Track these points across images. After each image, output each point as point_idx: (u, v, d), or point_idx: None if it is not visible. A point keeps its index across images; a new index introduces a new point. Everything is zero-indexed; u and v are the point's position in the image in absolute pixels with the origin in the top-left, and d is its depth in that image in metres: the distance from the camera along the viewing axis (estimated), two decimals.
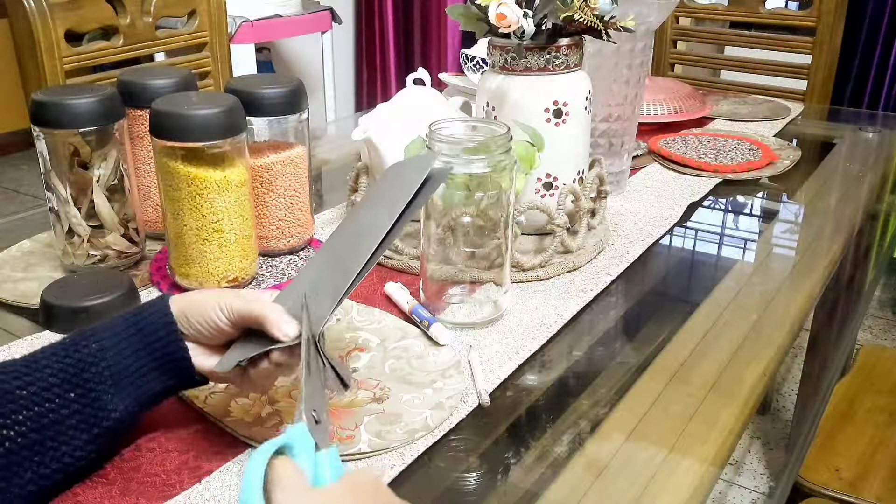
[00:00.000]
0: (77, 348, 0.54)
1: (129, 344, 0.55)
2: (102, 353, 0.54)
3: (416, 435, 0.61)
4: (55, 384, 0.52)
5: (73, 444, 0.53)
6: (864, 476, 1.10)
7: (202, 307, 0.56)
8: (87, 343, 0.54)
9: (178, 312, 0.57)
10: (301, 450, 0.45)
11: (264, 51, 2.68)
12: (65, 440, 0.53)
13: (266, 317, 0.55)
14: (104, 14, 1.29)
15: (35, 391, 0.52)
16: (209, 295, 0.58)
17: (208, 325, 0.56)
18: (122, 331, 0.56)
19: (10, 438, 0.50)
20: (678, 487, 0.58)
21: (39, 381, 0.52)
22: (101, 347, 0.54)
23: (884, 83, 2.34)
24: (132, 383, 0.55)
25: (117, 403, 0.54)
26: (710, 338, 0.77)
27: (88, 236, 0.83)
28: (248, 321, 0.56)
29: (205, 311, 0.56)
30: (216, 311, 0.56)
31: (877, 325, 2.33)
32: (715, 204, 1.13)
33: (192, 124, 0.73)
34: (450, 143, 0.71)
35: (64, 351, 0.54)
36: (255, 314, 0.55)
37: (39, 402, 0.52)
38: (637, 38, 1.04)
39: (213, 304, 0.56)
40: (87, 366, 0.54)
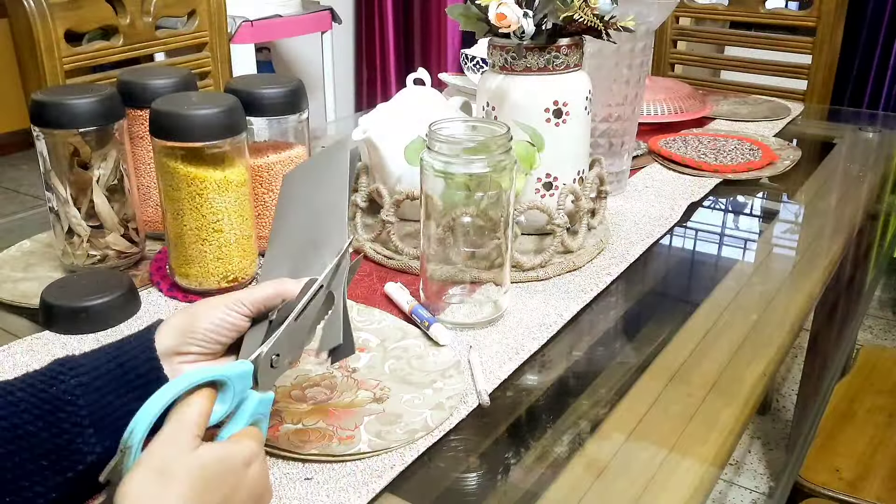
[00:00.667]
0: (54, 382, 0.50)
1: (109, 381, 0.51)
2: (82, 390, 0.50)
3: (416, 435, 0.61)
4: (28, 420, 0.48)
5: (45, 485, 0.49)
6: (865, 476, 1.10)
7: (211, 316, 0.54)
8: (65, 376, 0.50)
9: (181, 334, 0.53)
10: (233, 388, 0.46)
11: (264, 51, 2.68)
12: (38, 480, 0.49)
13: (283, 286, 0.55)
14: (104, 14, 1.29)
15: (7, 426, 0.48)
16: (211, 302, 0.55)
17: (225, 328, 0.54)
18: (102, 365, 0.51)
19: None
20: (678, 487, 0.58)
21: (13, 417, 0.48)
22: (80, 383, 0.50)
23: (884, 83, 2.34)
24: (112, 424, 0.50)
25: (94, 446, 0.50)
26: (710, 338, 0.77)
27: (88, 236, 0.83)
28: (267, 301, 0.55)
29: (216, 316, 0.53)
30: (227, 312, 0.54)
31: (877, 325, 2.33)
32: (715, 204, 1.13)
33: (192, 124, 0.73)
34: (450, 143, 0.71)
35: (42, 384, 0.50)
36: (270, 291, 0.54)
37: (10, 439, 0.48)
38: (637, 38, 1.04)
39: (222, 307, 0.54)
40: (62, 404, 0.49)
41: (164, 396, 0.44)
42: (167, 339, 0.53)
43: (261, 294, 0.54)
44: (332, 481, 0.56)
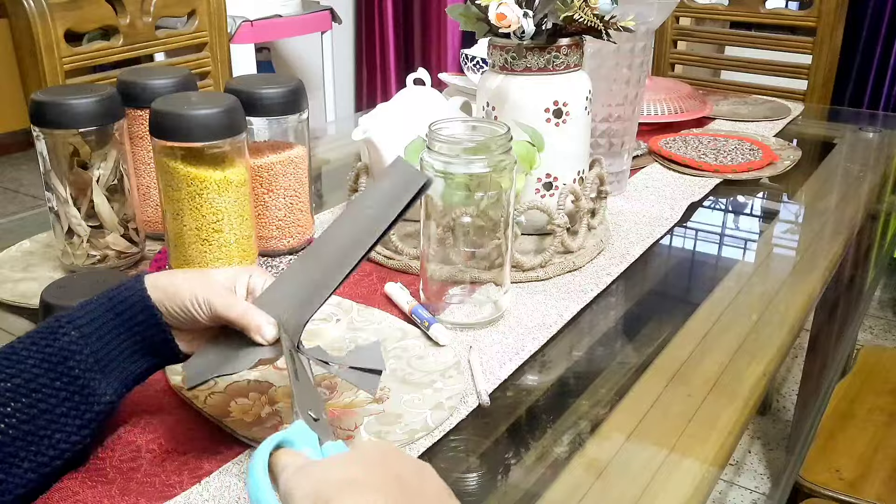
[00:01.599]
0: (56, 336, 0.54)
1: (110, 329, 0.55)
2: (84, 340, 0.54)
3: (416, 435, 0.60)
4: (39, 374, 0.52)
5: (66, 431, 0.53)
6: (865, 476, 1.10)
7: (180, 297, 0.56)
8: (65, 330, 0.54)
9: (157, 296, 0.56)
10: (303, 444, 0.45)
11: (264, 51, 2.68)
12: (58, 427, 0.53)
13: (247, 321, 0.55)
14: (104, 14, 1.29)
15: (19, 383, 0.52)
16: (186, 283, 0.56)
17: (185, 316, 0.56)
18: (100, 316, 0.55)
19: (1, 431, 0.51)
20: (678, 488, 0.57)
21: (23, 373, 0.52)
22: (82, 334, 0.54)
23: (884, 83, 2.34)
24: (118, 367, 0.55)
25: (105, 387, 0.54)
26: (710, 338, 0.77)
27: (88, 236, 0.83)
28: (227, 322, 0.56)
29: (182, 302, 0.56)
30: (194, 304, 0.55)
31: (877, 326, 2.33)
32: (715, 204, 1.13)
33: (191, 124, 0.73)
34: (450, 143, 0.71)
35: (43, 340, 0.54)
36: (233, 316, 0.55)
37: (25, 394, 0.52)
38: (637, 38, 1.04)
39: (191, 296, 0.55)
40: (70, 353, 0.53)
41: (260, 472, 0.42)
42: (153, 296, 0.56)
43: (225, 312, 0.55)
44: None
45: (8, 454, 0.51)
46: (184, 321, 0.56)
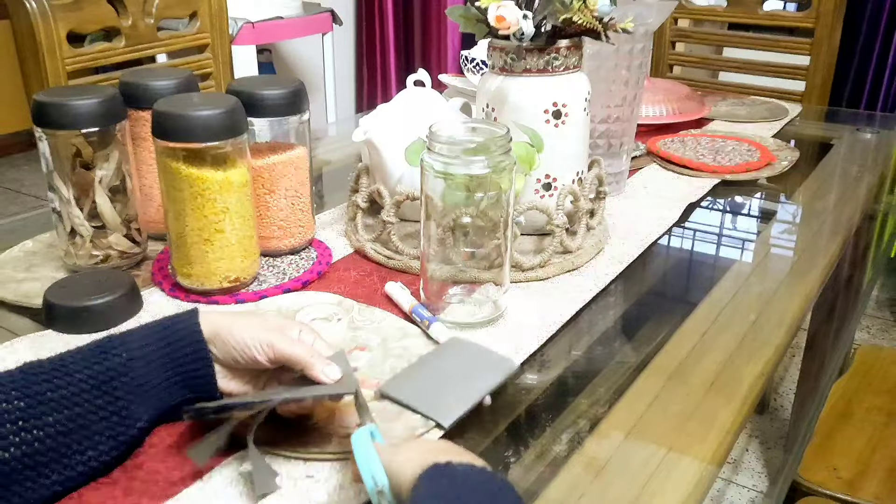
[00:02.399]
0: (106, 356, 0.55)
1: (157, 357, 0.56)
2: (131, 364, 0.55)
3: (417, 433, 0.61)
4: (85, 389, 0.53)
5: (99, 450, 0.54)
6: (862, 475, 1.11)
7: (241, 337, 0.57)
8: (117, 352, 0.55)
9: (212, 334, 0.57)
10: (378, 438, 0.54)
11: (265, 52, 2.68)
12: (91, 445, 0.53)
13: (310, 362, 0.57)
14: (106, 15, 1.30)
15: (65, 395, 0.53)
16: (245, 322, 0.58)
17: (244, 357, 0.57)
18: (152, 342, 0.57)
19: (39, 439, 0.51)
20: (677, 486, 0.58)
21: (70, 386, 0.53)
22: (131, 357, 0.55)
23: (882, 84, 2.34)
24: (155, 395, 0.56)
25: (142, 414, 0.56)
26: (708, 337, 0.78)
27: (91, 237, 0.84)
28: (289, 363, 0.58)
29: (244, 341, 0.57)
30: (257, 348, 0.57)
31: (874, 325, 2.33)
32: (713, 204, 1.14)
33: (193, 125, 0.73)
34: (450, 144, 0.72)
35: (94, 357, 0.55)
36: (297, 358, 0.57)
37: (69, 406, 0.52)
38: (636, 40, 1.04)
39: (255, 339, 0.57)
40: (116, 374, 0.54)
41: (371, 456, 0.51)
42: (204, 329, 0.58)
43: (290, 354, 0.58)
44: (333, 480, 0.56)
45: (40, 463, 0.51)
46: (239, 359, 0.58)
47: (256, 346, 0.57)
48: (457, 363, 0.69)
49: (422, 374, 0.68)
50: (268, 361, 0.58)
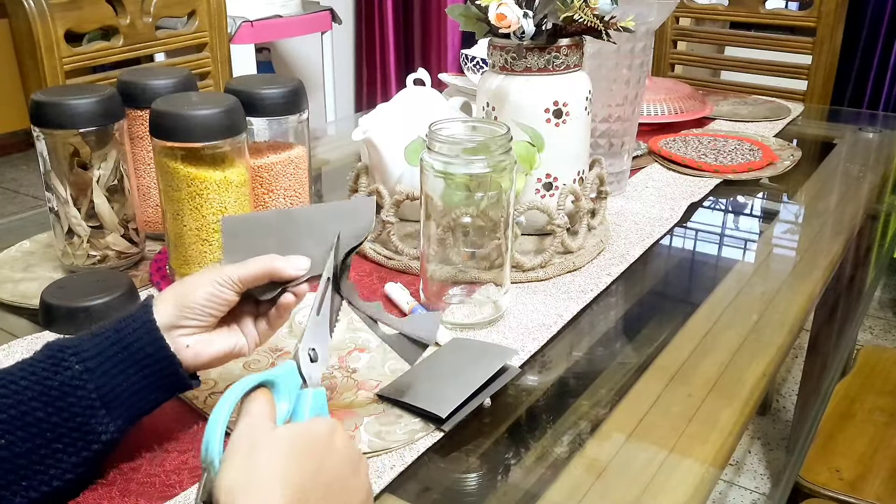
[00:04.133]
0: (58, 369, 0.51)
1: (116, 363, 0.53)
2: (89, 375, 0.51)
3: (416, 435, 0.61)
4: (37, 408, 0.50)
5: (60, 468, 0.51)
6: (865, 476, 1.10)
7: (201, 291, 0.55)
8: (68, 363, 0.51)
9: (176, 309, 0.55)
10: (284, 387, 0.46)
11: (264, 51, 2.68)
12: (52, 464, 0.51)
13: (272, 264, 0.57)
14: (104, 14, 1.29)
15: (15, 415, 0.49)
16: (202, 277, 0.56)
17: (215, 303, 0.56)
18: (106, 349, 0.53)
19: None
20: (678, 488, 0.57)
21: (20, 405, 0.50)
22: (86, 369, 0.52)
23: (884, 83, 2.34)
24: (123, 403, 0.53)
25: (108, 425, 0.52)
26: (710, 338, 0.77)
27: (88, 237, 0.83)
28: (256, 279, 0.57)
29: (207, 291, 0.55)
30: (218, 288, 0.56)
31: (877, 326, 2.33)
32: (715, 204, 1.13)
33: (191, 125, 0.73)
34: (450, 144, 0.71)
35: (45, 371, 0.51)
36: (260, 270, 0.56)
37: (21, 427, 0.49)
38: (637, 39, 1.04)
39: (213, 282, 0.56)
40: (71, 389, 0.51)
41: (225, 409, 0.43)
42: (164, 315, 0.55)
43: (250, 272, 0.56)
44: None
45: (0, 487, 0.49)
46: (213, 311, 0.56)
47: (218, 288, 0.55)
48: (455, 359, 0.69)
49: (420, 374, 0.67)
50: (237, 293, 0.56)
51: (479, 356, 0.69)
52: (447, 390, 0.63)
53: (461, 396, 0.62)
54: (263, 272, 0.57)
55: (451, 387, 0.64)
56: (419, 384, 0.65)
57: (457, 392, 0.63)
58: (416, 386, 0.65)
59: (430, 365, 0.69)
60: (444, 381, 0.65)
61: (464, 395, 0.63)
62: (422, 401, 0.62)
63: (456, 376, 0.66)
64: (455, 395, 0.62)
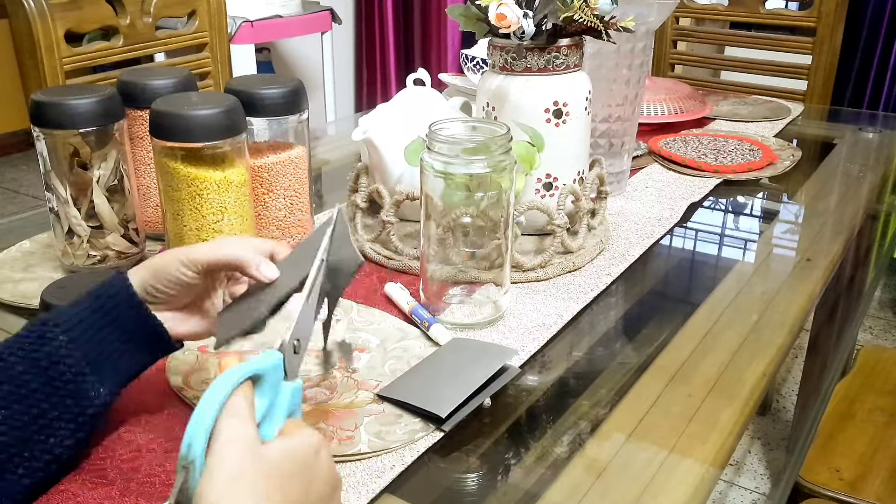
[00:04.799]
0: (44, 341, 0.53)
1: (99, 328, 0.54)
2: (74, 343, 0.53)
3: (416, 435, 0.61)
4: (29, 380, 0.51)
5: (60, 435, 0.53)
6: (865, 476, 1.10)
7: (165, 270, 0.56)
8: (53, 334, 0.53)
9: (143, 283, 0.56)
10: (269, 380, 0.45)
11: (264, 51, 2.68)
12: (51, 432, 0.52)
13: (240, 259, 0.55)
14: (104, 14, 1.29)
15: (9, 389, 0.51)
16: (169, 256, 0.56)
17: (176, 285, 0.56)
18: (87, 317, 0.54)
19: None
20: (678, 488, 0.57)
21: (13, 380, 0.51)
22: (71, 338, 0.53)
23: (884, 83, 2.34)
24: (111, 366, 0.55)
25: (99, 389, 0.54)
26: (710, 338, 0.77)
27: (88, 237, 0.83)
28: (221, 268, 0.56)
29: (168, 272, 0.56)
30: (179, 269, 0.55)
31: (877, 326, 2.33)
32: (715, 204, 1.13)
33: (192, 125, 0.73)
34: (450, 144, 0.71)
35: (32, 345, 0.52)
36: (225, 259, 0.56)
37: (17, 400, 0.51)
38: (637, 39, 1.04)
39: (175, 263, 0.55)
40: (59, 358, 0.52)
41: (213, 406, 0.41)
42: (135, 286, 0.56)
43: (216, 259, 0.56)
44: None
45: (2, 461, 0.50)
46: (174, 292, 0.56)
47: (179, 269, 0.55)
48: (455, 359, 0.69)
49: (420, 374, 0.67)
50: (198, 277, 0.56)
51: (479, 356, 0.69)
52: (447, 390, 0.63)
53: (461, 396, 0.62)
54: (228, 262, 0.56)
55: (451, 387, 0.64)
56: (419, 384, 0.65)
57: (457, 392, 0.63)
58: (416, 386, 0.65)
59: (429, 365, 0.69)
60: (443, 381, 0.65)
61: (464, 395, 0.63)
62: (422, 401, 0.62)
63: (456, 376, 0.66)
64: (455, 395, 0.62)
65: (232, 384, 0.42)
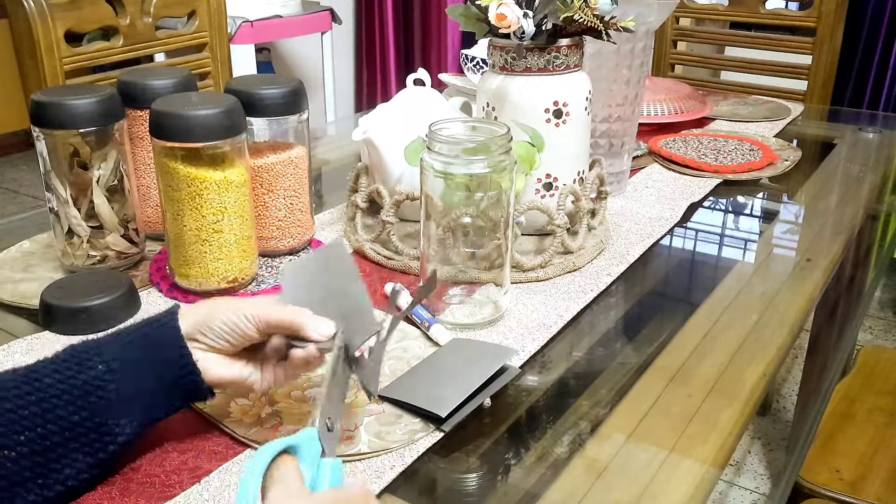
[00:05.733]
0: (82, 368, 0.52)
1: (138, 366, 0.53)
2: (111, 375, 0.52)
3: (416, 436, 0.60)
4: (59, 405, 0.50)
5: (76, 468, 0.51)
6: (865, 477, 1.10)
7: (227, 316, 0.55)
8: (92, 363, 0.52)
9: (196, 323, 0.55)
10: (307, 453, 0.45)
11: (264, 51, 2.68)
12: (68, 463, 0.51)
13: (299, 321, 0.55)
14: (104, 14, 1.29)
15: (37, 412, 0.49)
16: (232, 303, 0.56)
17: (233, 333, 0.55)
18: (130, 351, 0.53)
19: (11, 459, 0.48)
20: (678, 488, 0.57)
21: (42, 402, 0.50)
22: (110, 369, 0.52)
23: (884, 84, 2.34)
24: (142, 405, 0.54)
25: (125, 427, 0.53)
26: (710, 338, 0.77)
27: (88, 237, 0.83)
28: (280, 329, 0.56)
29: (230, 319, 0.55)
30: (243, 321, 0.55)
31: (877, 326, 2.33)
32: (715, 204, 1.13)
33: (191, 125, 0.73)
34: (450, 144, 0.71)
35: (69, 370, 0.51)
36: (286, 320, 0.56)
37: (41, 424, 0.49)
38: (637, 39, 1.04)
39: (238, 313, 0.55)
40: (93, 388, 0.51)
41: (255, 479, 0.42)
42: (185, 326, 0.55)
43: (277, 318, 0.56)
44: None
45: (14, 483, 0.49)
46: (231, 339, 0.56)
47: (243, 320, 0.55)
48: (455, 359, 0.69)
49: (420, 374, 0.67)
50: (258, 332, 0.56)
51: (479, 356, 0.69)
52: (447, 390, 0.63)
53: (461, 396, 0.62)
54: (289, 324, 0.56)
55: (451, 387, 0.64)
56: (419, 384, 0.65)
57: (457, 392, 0.63)
58: (416, 386, 0.65)
59: (430, 365, 0.69)
60: (443, 381, 0.65)
61: (464, 395, 0.63)
62: (422, 401, 0.62)
63: (456, 376, 0.65)
64: (455, 395, 0.62)
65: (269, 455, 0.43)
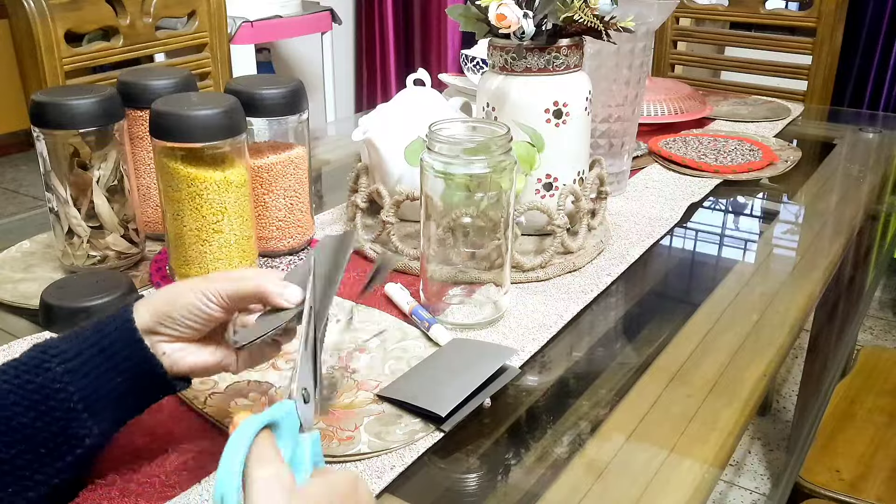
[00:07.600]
0: (38, 371, 0.49)
1: (97, 365, 0.51)
2: (70, 377, 0.49)
3: (416, 436, 0.60)
4: (19, 412, 0.48)
5: (45, 473, 0.49)
6: (865, 477, 1.10)
7: (186, 300, 0.53)
8: (49, 365, 0.49)
9: (156, 315, 0.53)
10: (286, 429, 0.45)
11: (264, 51, 2.68)
12: (37, 468, 0.49)
13: (264, 288, 0.53)
14: (104, 15, 1.29)
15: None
16: (190, 286, 0.54)
17: (198, 317, 0.53)
18: (86, 350, 0.51)
19: None
20: (678, 488, 0.57)
21: (3, 410, 0.48)
22: (67, 370, 0.50)
23: (884, 84, 2.33)
24: (107, 406, 0.51)
25: (91, 428, 0.50)
26: (710, 338, 0.77)
27: (88, 237, 0.83)
28: (244, 300, 0.54)
29: (190, 302, 0.53)
30: (203, 300, 0.53)
31: (877, 326, 2.33)
32: (715, 204, 1.13)
33: (191, 125, 0.73)
34: (450, 144, 0.71)
35: (27, 374, 0.49)
36: (250, 290, 0.53)
37: (4, 431, 0.48)
38: (637, 39, 1.04)
39: (199, 294, 0.53)
40: (51, 392, 0.49)
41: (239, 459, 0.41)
42: (144, 319, 0.53)
43: (238, 290, 0.53)
44: None
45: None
46: (195, 324, 0.53)
47: (203, 300, 0.53)
48: (454, 359, 0.69)
49: (420, 374, 0.67)
50: (222, 311, 0.53)
51: (479, 356, 0.69)
52: (447, 390, 0.63)
53: (461, 396, 0.62)
54: (253, 293, 0.53)
55: (451, 387, 0.64)
56: (419, 384, 0.65)
57: (456, 392, 0.63)
58: (416, 386, 0.65)
59: (429, 365, 0.69)
60: (443, 381, 0.65)
61: (463, 395, 0.63)
62: (422, 401, 0.62)
63: (455, 376, 0.66)
64: (455, 395, 0.62)
65: (251, 432, 0.42)
